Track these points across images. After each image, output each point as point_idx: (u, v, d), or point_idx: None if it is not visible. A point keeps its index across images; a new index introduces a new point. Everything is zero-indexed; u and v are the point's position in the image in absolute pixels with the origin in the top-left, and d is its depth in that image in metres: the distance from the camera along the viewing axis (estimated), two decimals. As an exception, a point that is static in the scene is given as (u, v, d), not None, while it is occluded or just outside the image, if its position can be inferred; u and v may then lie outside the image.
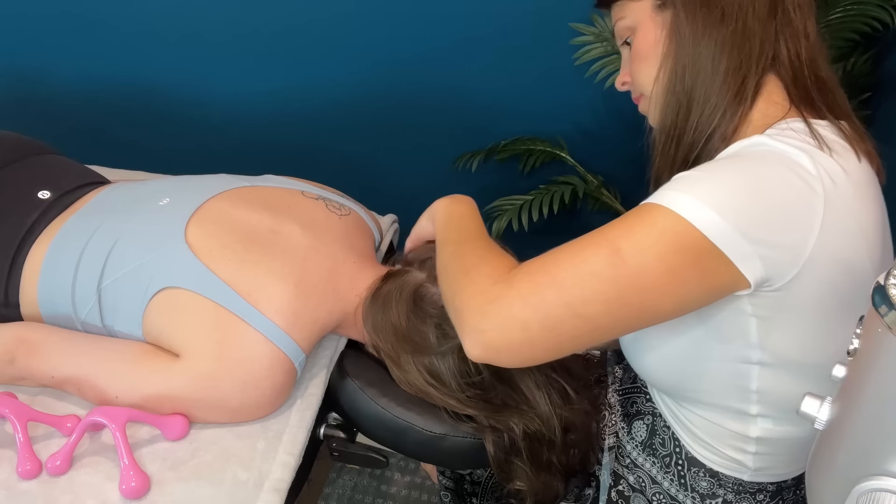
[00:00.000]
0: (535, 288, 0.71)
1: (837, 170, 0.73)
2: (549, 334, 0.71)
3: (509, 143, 1.68)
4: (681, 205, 0.69)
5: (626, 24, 0.87)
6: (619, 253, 0.69)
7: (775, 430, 0.84)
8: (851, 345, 0.51)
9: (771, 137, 0.74)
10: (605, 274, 0.69)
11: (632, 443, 0.99)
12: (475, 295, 0.74)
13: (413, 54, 1.66)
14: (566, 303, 0.70)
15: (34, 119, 1.99)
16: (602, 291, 0.69)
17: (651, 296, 0.70)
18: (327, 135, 1.85)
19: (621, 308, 0.70)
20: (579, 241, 0.73)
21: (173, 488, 0.88)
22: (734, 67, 0.79)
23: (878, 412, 0.47)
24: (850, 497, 0.49)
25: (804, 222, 0.70)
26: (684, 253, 0.68)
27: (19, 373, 0.98)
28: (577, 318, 0.70)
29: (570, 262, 0.71)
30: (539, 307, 0.70)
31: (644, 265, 0.69)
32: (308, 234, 1.04)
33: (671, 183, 0.73)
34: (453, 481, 1.22)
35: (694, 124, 0.81)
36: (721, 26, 0.79)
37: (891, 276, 0.46)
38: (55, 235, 1.05)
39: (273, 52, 1.74)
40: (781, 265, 0.70)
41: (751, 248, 0.68)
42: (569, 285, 0.70)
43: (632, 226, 0.71)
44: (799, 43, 0.81)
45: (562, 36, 1.53)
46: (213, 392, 0.93)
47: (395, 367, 1.01)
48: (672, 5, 0.81)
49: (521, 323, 0.71)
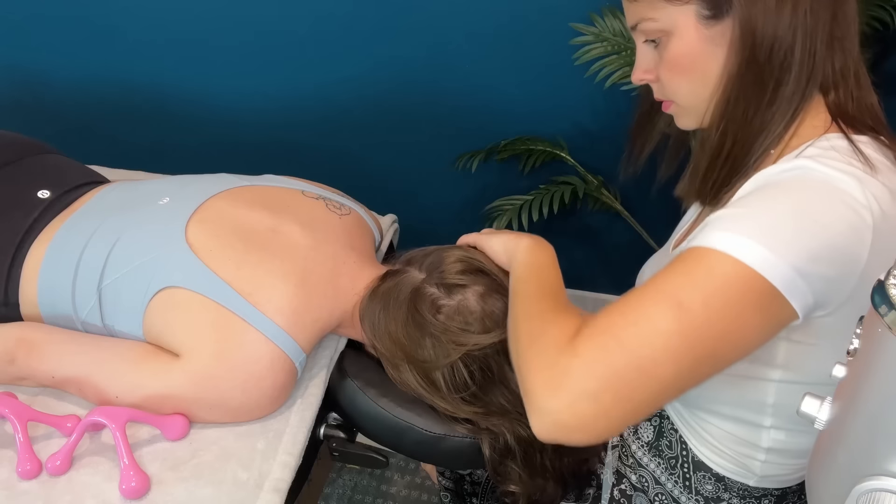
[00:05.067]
0: (601, 355, 0.67)
1: (885, 194, 0.70)
2: (623, 402, 0.67)
3: (509, 143, 1.68)
4: (736, 247, 0.67)
5: (656, 27, 0.78)
6: (682, 306, 0.67)
7: (786, 441, 0.84)
8: (851, 345, 0.51)
9: (816, 161, 0.71)
10: (673, 330, 0.66)
11: (637, 442, 0.99)
12: (541, 370, 0.69)
13: (413, 54, 1.66)
14: (637, 367, 0.66)
15: (34, 119, 1.99)
16: (671, 349, 0.66)
17: (720, 345, 0.68)
18: (327, 134, 1.85)
19: (692, 362, 0.67)
20: (638, 298, 0.69)
21: (173, 488, 0.88)
22: (790, 94, 0.76)
23: (878, 412, 0.47)
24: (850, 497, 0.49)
25: (853, 255, 0.68)
26: (747, 297, 0.67)
27: (19, 373, 0.98)
28: (649, 381, 0.67)
29: (634, 323, 0.67)
30: (609, 377, 0.66)
31: (710, 315, 0.67)
32: (308, 234, 1.04)
33: (719, 222, 0.70)
34: (453, 482, 1.22)
35: (741, 146, 0.78)
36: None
37: (891, 276, 0.46)
38: (55, 235, 1.05)
39: (273, 52, 1.74)
40: (829, 297, 0.70)
41: (804, 283, 0.67)
42: (636, 347, 0.66)
43: (690, 275, 0.68)
44: (847, 60, 0.78)
45: (562, 36, 1.53)
46: (214, 392, 0.93)
47: (392, 369, 1.01)
48: (729, 23, 0.75)
49: (591, 396, 0.66)
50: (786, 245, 0.67)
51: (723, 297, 0.67)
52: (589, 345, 0.68)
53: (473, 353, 0.95)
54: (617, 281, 1.94)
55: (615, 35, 1.46)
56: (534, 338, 0.74)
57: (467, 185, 1.82)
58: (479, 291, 0.97)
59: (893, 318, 0.45)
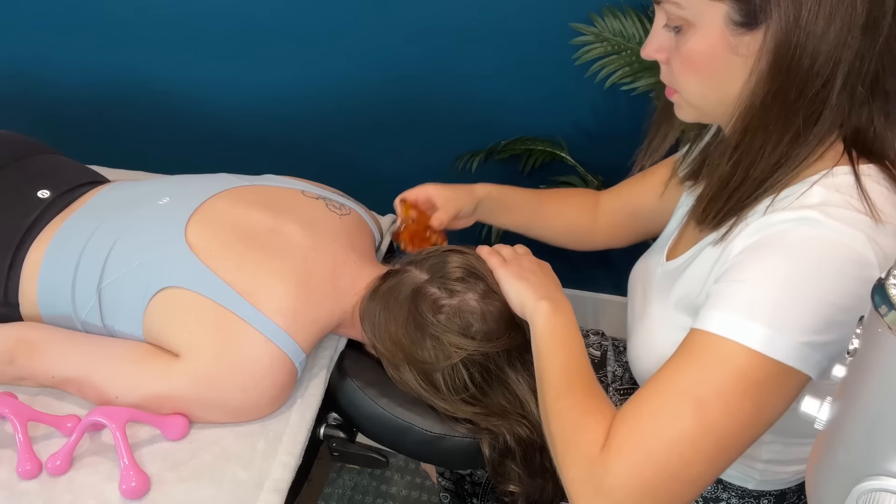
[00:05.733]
0: (633, 470, 0.68)
1: (891, 242, 0.67)
2: (663, 503, 0.69)
3: (509, 143, 1.68)
4: (742, 333, 0.66)
5: (680, 14, 0.70)
6: (701, 404, 0.67)
7: (784, 452, 0.84)
8: (851, 345, 0.51)
9: (822, 212, 0.67)
10: (697, 431, 0.67)
11: None
12: (578, 482, 0.72)
13: (413, 53, 1.66)
14: (670, 474, 0.68)
15: (34, 119, 1.99)
16: (699, 449, 0.68)
17: (745, 430, 0.69)
18: (327, 134, 1.85)
19: (722, 453, 0.69)
20: (657, 399, 0.70)
21: (173, 488, 0.88)
22: (817, 135, 0.70)
23: (878, 412, 0.47)
24: (850, 497, 0.49)
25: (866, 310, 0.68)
26: (763, 383, 0.67)
27: (19, 373, 0.98)
28: (682, 483, 0.68)
29: (658, 430, 0.68)
30: (644, 488, 0.68)
31: (730, 408, 0.67)
32: (308, 234, 1.04)
33: (723, 300, 0.69)
34: (453, 482, 1.22)
35: (751, 183, 0.73)
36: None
37: (891, 276, 0.46)
38: (55, 235, 1.05)
39: (274, 52, 1.74)
40: (841, 353, 0.68)
41: (816, 353, 0.67)
42: (665, 455, 0.68)
43: (703, 367, 0.68)
44: (887, 104, 0.71)
45: (562, 36, 1.52)
46: (214, 392, 0.93)
47: (392, 369, 1.01)
48: (760, 37, 0.67)
49: (632, 502, 0.69)
50: (792, 323, 0.66)
51: (739, 388, 0.67)
52: (620, 461, 0.69)
53: (474, 356, 0.95)
54: (616, 281, 1.94)
55: (615, 35, 1.46)
56: (566, 439, 0.76)
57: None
58: (481, 292, 0.97)
59: (893, 318, 0.44)
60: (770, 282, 0.67)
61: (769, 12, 0.66)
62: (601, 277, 1.96)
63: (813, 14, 0.65)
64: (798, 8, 0.65)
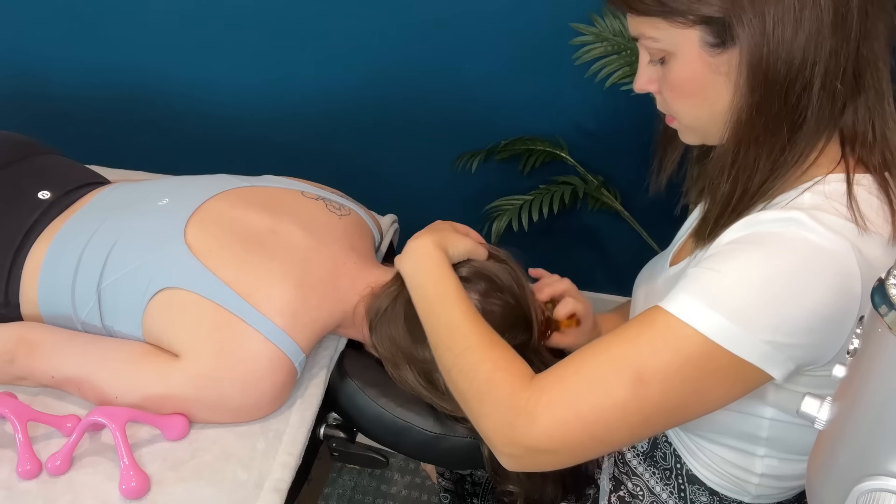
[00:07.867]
0: (559, 426, 0.71)
1: (876, 249, 0.67)
2: (579, 457, 0.75)
3: (509, 143, 1.68)
4: (704, 322, 0.66)
5: (658, 47, 0.73)
6: (641, 379, 0.68)
7: (780, 467, 0.84)
8: (851, 345, 0.51)
9: (810, 215, 0.67)
10: (630, 405, 0.69)
11: (632, 451, 0.99)
12: (500, 429, 0.75)
13: (413, 54, 1.66)
14: (591, 435, 0.71)
15: (34, 119, 1.99)
16: (626, 421, 0.70)
17: (676, 412, 0.70)
18: (327, 135, 1.85)
19: (645, 427, 0.72)
20: (598, 362, 0.72)
21: (173, 488, 0.88)
22: (805, 140, 0.71)
23: (878, 412, 0.47)
24: (850, 497, 0.49)
25: (841, 318, 0.66)
26: (711, 372, 0.67)
27: (19, 373, 0.98)
28: (602, 444, 0.73)
29: (593, 395, 0.70)
30: (566, 442, 0.72)
31: (668, 391, 0.68)
32: (308, 235, 1.04)
33: (693, 284, 0.69)
34: (453, 482, 1.22)
35: (750, 197, 0.74)
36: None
37: (891, 276, 0.46)
38: (55, 236, 1.05)
39: (274, 53, 1.74)
40: (815, 357, 0.69)
41: (781, 354, 0.66)
42: (593, 420, 0.70)
43: (653, 345, 0.69)
44: (873, 98, 0.71)
45: (562, 36, 1.53)
46: (213, 392, 0.93)
47: (392, 368, 1.01)
48: (736, 54, 0.69)
49: (549, 454, 0.74)
50: (760, 322, 0.65)
51: (684, 373, 0.67)
52: (549, 415, 0.71)
53: None
54: (616, 281, 1.94)
55: (615, 35, 1.46)
56: (482, 396, 0.77)
57: (467, 185, 1.82)
58: (482, 292, 0.97)
59: (893, 318, 0.45)
60: (742, 276, 0.67)
61: (736, 29, 0.68)
62: (601, 277, 1.96)
63: (779, 22, 0.66)
64: (762, 20, 0.66)
